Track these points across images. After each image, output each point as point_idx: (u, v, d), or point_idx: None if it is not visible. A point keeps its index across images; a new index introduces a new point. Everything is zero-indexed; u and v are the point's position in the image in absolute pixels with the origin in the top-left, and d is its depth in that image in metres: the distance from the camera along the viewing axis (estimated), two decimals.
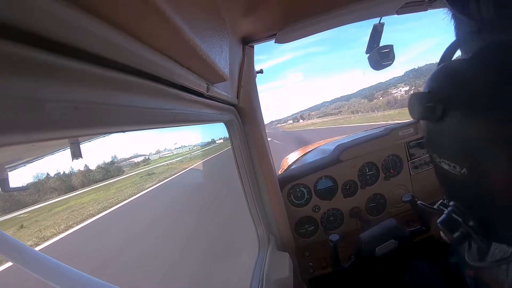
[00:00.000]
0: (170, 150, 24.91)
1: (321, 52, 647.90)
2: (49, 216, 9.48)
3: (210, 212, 5.65)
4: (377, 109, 58.78)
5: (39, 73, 0.21)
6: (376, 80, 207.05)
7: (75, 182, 17.47)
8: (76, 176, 17.84)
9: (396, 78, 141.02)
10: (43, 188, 16.33)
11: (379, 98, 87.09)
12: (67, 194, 14.97)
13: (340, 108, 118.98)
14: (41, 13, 0.19)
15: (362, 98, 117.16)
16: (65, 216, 8.65)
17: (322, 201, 1.70)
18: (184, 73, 0.47)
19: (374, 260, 1.36)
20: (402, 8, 1.00)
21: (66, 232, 6.99)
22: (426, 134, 0.56)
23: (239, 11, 0.82)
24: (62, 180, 17.71)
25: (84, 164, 17.65)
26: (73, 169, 17.76)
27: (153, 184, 12.43)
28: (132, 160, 22.40)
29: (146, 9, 0.26)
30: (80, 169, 18.01)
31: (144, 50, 0.33)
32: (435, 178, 0.61)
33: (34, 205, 11.98)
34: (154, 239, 5.67)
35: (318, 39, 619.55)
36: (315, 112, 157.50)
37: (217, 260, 3.06)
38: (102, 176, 18.34)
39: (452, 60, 0.52)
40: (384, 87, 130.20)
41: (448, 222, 0.56)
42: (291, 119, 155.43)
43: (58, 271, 0.93)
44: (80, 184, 17.07)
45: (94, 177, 18.37)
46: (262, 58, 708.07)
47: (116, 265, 4.55)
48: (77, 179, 17.70)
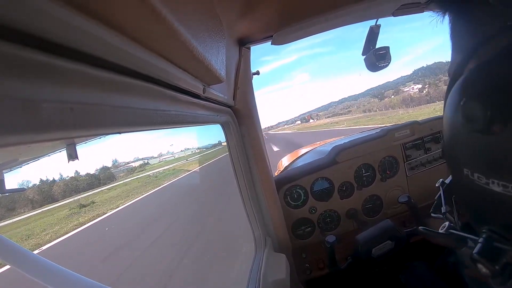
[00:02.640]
0: (172, 153, 24.75)
1: (327, 52, 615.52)
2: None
3: (208, 217, 5.67)
4: (391, 107, 58.46)
5: (36, 74, 0.21)
6: (384, 79, 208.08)
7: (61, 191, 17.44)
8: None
9: (404, 77, 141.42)
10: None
11: (390, 97, 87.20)
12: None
13: (349, 107, 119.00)
14: (37, 14, 0.19)
15: (371, 97, 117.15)
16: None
17: (318, 203, 1.71)
18: (180, 74, 0.47)
19: (370, 261, 1.36)
20: (399, 10, 1.01)
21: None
22: (467, 149, 0.48)
23: (235, 12, 0.82)
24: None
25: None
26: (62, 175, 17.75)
27: (158, 186, 12.43)
28: (130, 164, 22.29)
29: (143, 11, 0.26)
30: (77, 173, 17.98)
31: (141, 51, 0.33)
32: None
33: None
34: (152, 242, 5.65)
35: (323, 40, 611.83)
36: (323, 113, 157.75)
37: (215, 261, 3.06)
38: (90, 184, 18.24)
39: (490, 61, 0.43)
40: (393, 86, 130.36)
41: (488, 252, 0.48)
42: (298, 119, 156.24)
43: (56, 273, 0.92)
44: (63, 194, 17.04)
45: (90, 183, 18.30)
46: (269, 59, 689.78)
47: (118, 264, 4.56)
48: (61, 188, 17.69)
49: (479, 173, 0.45)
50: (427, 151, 1.80)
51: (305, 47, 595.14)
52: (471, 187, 0.48)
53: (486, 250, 0.48)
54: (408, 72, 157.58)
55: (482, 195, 0.46)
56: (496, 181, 0.42)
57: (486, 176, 0.44)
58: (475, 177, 0.46)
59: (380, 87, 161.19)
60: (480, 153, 0.45)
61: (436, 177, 0.74)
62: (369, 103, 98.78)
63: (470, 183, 0.47)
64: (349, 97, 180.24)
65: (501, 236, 0.48)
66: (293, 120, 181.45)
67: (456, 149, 0.50)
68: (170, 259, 4.28)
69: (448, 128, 0.51)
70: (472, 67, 0.46)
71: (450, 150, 0.53)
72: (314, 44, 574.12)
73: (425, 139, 1.79)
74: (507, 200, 0.42)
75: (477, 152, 0.46)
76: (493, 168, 0.44)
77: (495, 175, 0.43)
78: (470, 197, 0.52)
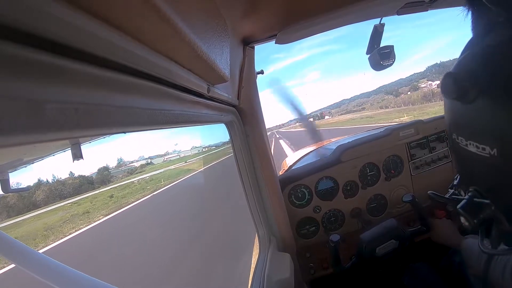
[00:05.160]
0: (178, 152, 24.40)
1: (339, 50, 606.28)
2: None
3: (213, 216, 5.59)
4: (411, 103, 57.91)
5: (40, 75, 0.21)
6: (397, 76, 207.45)
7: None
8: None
9: (417, 74, 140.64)
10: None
11: (406, 93, 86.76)
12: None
13: (362, 105, 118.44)
14: (42, 14, 0.19)
15: (385, 94, 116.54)
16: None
17: (323, 202, 1.70)
18: (185, 74, 0.47)
19: (374, 260, 1.36)
20: (403, 9, 1.00)
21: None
22: (453, 116, 0.58)
23: (239, 12, 0.82)
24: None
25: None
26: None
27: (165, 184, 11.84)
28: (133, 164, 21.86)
29: (147, 11, 0.26)
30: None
31: (145, 51, 0.33)
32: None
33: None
34: (158, 241, 5.65)
35: (334, 37, 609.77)
36: (335, 110, 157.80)
37: (219, 260, 3.07)
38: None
39: (482, 47, 0.52)
40: (406, 83, 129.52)
41: (469, 207, 0.57)
42: (311, 117, 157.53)
43: (60, 272, 0.93)
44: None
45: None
46: (281, 56, 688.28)
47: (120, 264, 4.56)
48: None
49: (461, 136, 0.55)
50: (431, 150, 1.78)
51: (315, 45, 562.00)
52: (458, 151, 0.58)
53: (467, 205, 0.57)
54: (421, 69, 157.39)
55: (465, 157, 0.56)
56: (472, 142, 0.53)
57: (466, 138, 0.54)
58: (459, 140, 0.56)
59: (393, 84, 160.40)
60: (461, 119, 0.55)
61: (441, 176, 0.75)
62: (384, 100, 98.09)
63: (457, 146, 0.58)
64: (361, 94, 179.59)
65: (481, 195, 0.57)
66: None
67: (447, 118, 0.61)
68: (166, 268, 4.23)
69: (446, 105, 0.61)
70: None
71: (448, 121, 0.62)
72: (324, 41, 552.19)
73: (430, 138, 1.78)
74: (482, 160, 0.51)
75: (459, 118, 0.56)
76: (469, 130, 0.54)
77: (472, 137, 0.53)
78: (459, 160, 0.62)
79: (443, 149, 1.79)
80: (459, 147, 0.56)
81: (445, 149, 1.79)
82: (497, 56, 0.48)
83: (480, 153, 0.51)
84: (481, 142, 0.50)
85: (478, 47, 0.53)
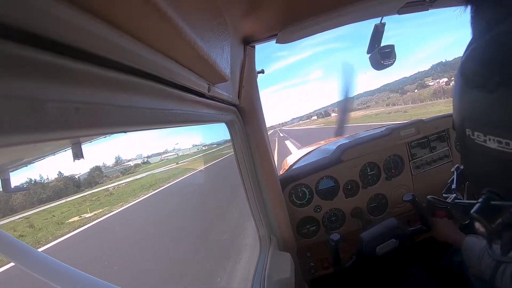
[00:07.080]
0: (176, 151, 24.11)
1: (342, 48, 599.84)
2: None
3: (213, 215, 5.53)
4: (420, 100, 57.40)
5: (41, 74, 0.21)
6: (401, 75, 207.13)
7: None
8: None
9: (421, 73, 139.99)
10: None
11: (413, 91, 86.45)
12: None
13: (366, 103, 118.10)
14: (42, 14, 0.19)
15: (390, 92, 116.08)
16: None
17: (323, 201, 1.70)
18: (185, 73, 0.47)
19: (375, 260, 1.36)
20: (403, 8, 1.00)
21: None
22: (467, 110, 0.52)
23: (240, 11, 0.82)
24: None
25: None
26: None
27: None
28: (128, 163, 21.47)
29: (148, 10, 0.26)
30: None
31: (146, 50, 0.33)
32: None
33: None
34: (158, 241, 5.63)
35: (338, 35, 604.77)
36: (339, 108, 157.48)
37: (220, 260, 3.06)
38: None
39: (498, 33, 0.47)
40: (410, 81, 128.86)
41: (486, 210, 0.51)
42: (314, 115, 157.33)
43: (60, 271, 0.93)
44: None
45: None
46: (284, 54, 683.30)
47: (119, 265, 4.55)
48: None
49: (479, 131, 0.50)
50: (432, 150, 1.79)
51: (319, 43, 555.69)
52: (472, 148, 0.52)
53: (484, 208, 0.51)
54: (425, 68, 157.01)
55: (481, 155, 0.51)
56: (491, 137, 0.47)
57: (484, 133, 0.48)
58: (475, 136, 0.50)
59: (398, 82, 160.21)
60: (479, 111, 0.49)
61: (441, 176, 0.74)
62: (389, 98, 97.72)
63: (470, 143, 0.52)
64: (365, 92, 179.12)
65: (499, 196, 0.51)
66: (308, 116, 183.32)
67: (459, 113, 0.55)
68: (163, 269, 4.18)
69: (455, 100, 0.56)
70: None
71: (456, 118, 0.57)
72: (328, 39, 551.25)
73: (431, 137, 1.78)
74: (504, 156, 0.46)
75: (476, 110, 0.50)
76: (489, 124, 0.48)
77: (492, 131, 0.47)
78: (472, 159, 0.56)
79: (444, 149, 1.79)
80: (474, 144, 0.51)
81: (445, 149, 1.79)
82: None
83: (502, 148, 0.45)
84: (504, 136, 0.45)
85: (489, 36, 0.48)
